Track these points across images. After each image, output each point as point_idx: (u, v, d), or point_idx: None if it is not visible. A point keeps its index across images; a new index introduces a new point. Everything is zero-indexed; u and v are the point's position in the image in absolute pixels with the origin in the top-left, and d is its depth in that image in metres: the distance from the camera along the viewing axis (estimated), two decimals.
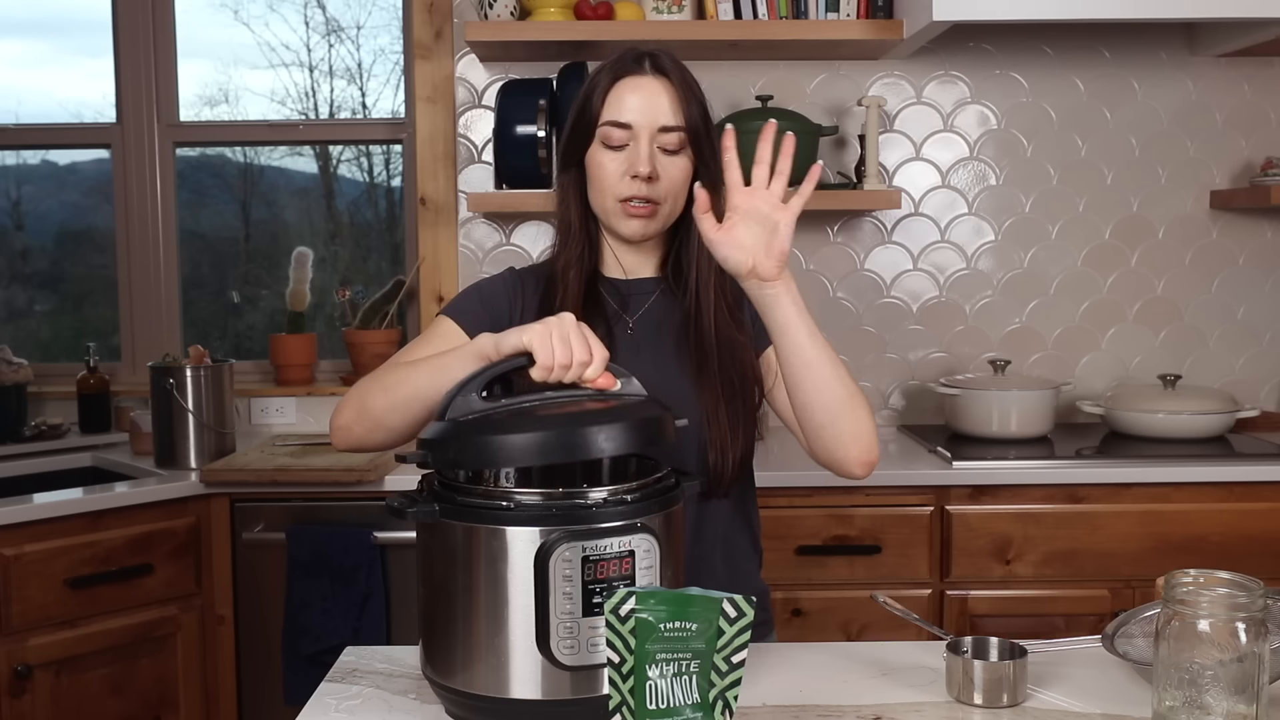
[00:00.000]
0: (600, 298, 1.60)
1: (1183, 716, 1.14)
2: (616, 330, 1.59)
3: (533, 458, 1.16)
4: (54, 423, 2.94)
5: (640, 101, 1.52)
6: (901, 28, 2.77)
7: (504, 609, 1.16)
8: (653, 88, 1.53)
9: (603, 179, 1.54)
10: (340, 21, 3.39)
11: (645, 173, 1.51)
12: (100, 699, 2.40)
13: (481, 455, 1.18)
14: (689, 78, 1.57)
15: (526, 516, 1.15)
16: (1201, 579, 1.16)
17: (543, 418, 1.20)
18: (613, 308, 1.61)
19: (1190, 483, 2.53)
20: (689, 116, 1.54)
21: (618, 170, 1.53)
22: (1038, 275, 3.11)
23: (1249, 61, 3.05)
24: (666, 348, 1.58)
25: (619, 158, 1.53)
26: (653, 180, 1.52)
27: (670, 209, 1.56)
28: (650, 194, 1.52)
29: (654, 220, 1.55)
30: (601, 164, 1.54)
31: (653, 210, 1.54)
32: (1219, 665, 1.12)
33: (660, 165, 1.53)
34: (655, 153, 1.52)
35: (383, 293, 3.17)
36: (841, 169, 3.06)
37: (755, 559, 1.67)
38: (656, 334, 1.60)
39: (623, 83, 1.53)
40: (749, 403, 1.56)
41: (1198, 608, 1.13)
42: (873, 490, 2.50)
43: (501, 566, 1.16)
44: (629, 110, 1.52)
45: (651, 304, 1.62)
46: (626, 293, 1.62)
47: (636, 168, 1.51)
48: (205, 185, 3.44)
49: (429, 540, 1.23)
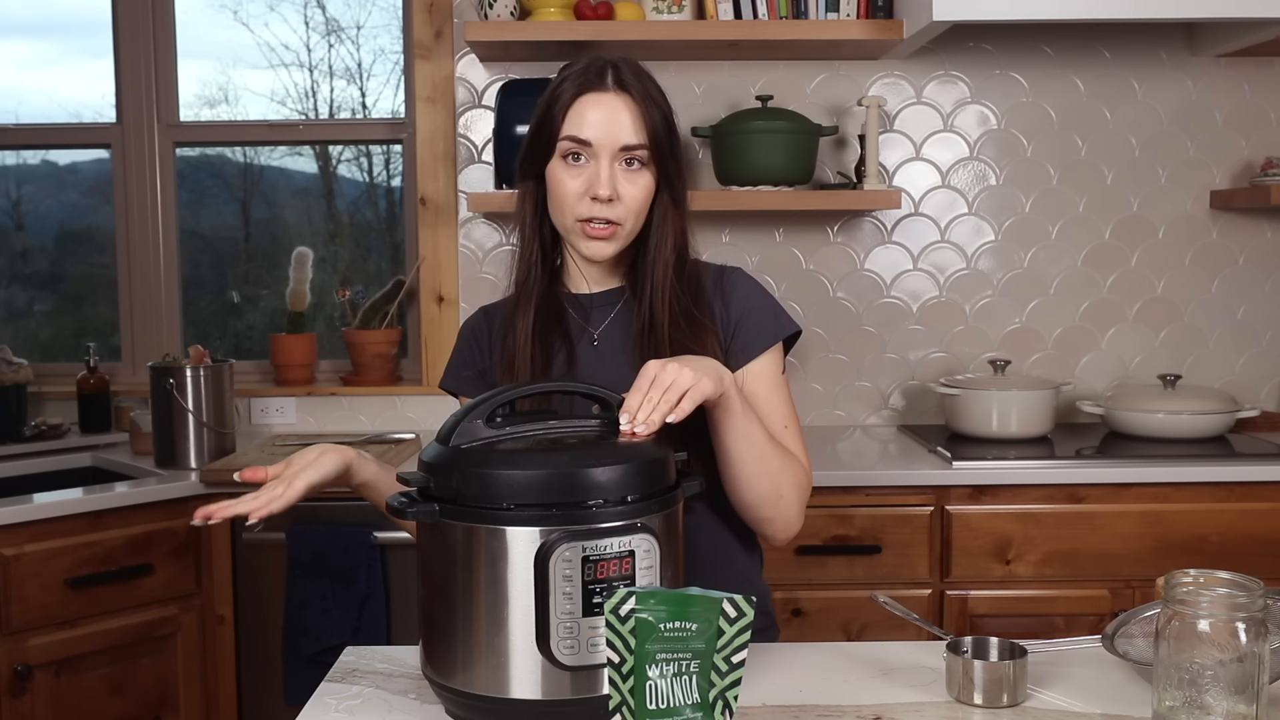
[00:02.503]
0: (561, 313, 1.59)
1: (1183, 716, 1.14)
2: (580, 345, 1.58)
3: (535, 495, 1.16)
4: (54, 423, 2.94)
5: (602, 119, 1.49)
6: (901, 28, 2.77)
7: (504, 609, 1.16)
8: (615, 104, 1.49)
9: (563, 197, 1.52)
10: (340, 21, 3.39)
11: (605, 195, 1.48)
12: (100, 699, 2.40)
13: (484, 488, 1.18)
14: (652, 89, 1.53)
15: (526, 516, 1.15)
16: (1201, 579, 1.16)
17: (546, 453, 1.21)
18: (576, 322, 1.60)
19: (1190, 483, 2.53)
20: (651, 131, 1.50)
21: (577, 189, 1.50)
22: (1038, 275, 3.11)
23: (1249, 61, 3.05)
24: (629, 359, 1.55)
25: (580, 176, 1.50)
26: (612, 202, 1.49)
27: (631, 227, 1.53)
28: (610, 215, 1.50)
29: (613, 241, 1.52)
30: (561, 181, 1.51)
31: (613, 231, 1.51)
32: (1219, 665, 1.12)
33: (620, 185, 1.50)
34: (616, 172, 1.50)
35: (383, 293, 3.17)
36: (841, 169, 3.06)
37: (756, 561, 1.66)
38: (621, 345, 1.58)
39: (585, 98, 1.50)
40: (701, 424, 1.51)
41: (1198, 608, 1.13)
42: (873, 490, 2.51)
43: (501, 566, 1.16)
44: (589, 126, 1.49)
45: (616, 315, 1.60)
46: (589, 305, 1.61)
47: (596, 189, 1.48)
48: (205, 185, 3.44)
49: (429, 540, 1.23)
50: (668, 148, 1.52)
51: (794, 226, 3.09)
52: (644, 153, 1.50)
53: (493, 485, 1.17)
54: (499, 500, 1.16)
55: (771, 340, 1.58)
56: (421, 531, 1.25)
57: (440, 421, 1.30)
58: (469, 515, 1.17)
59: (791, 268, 3.10)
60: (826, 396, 3.13)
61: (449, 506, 1.19)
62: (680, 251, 1.56)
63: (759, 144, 2.81)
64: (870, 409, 3.13)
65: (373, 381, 3.13)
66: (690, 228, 1.59)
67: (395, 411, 3.13)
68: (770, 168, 2.83)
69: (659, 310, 1.54)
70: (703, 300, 1.58)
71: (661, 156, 1.52)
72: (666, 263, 1.54)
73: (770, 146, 2.81)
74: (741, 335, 1.57)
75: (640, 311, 1.55)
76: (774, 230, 3.09)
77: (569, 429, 1.29)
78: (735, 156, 2.84)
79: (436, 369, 3.09)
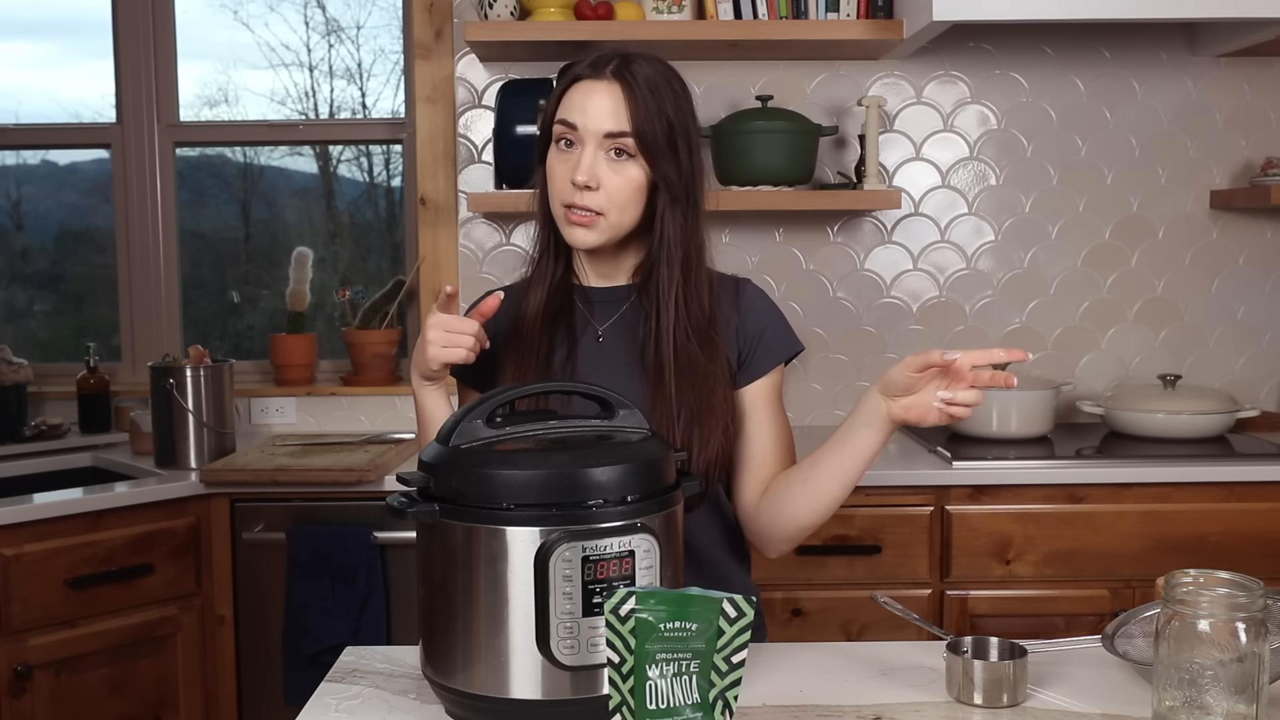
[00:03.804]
0: (568, 305, 1.59)
1: (1183, 716, 1.14)
2: (584, 338, 1.58)
3: (535, 495, 1.16)
4: (54, 423, 2.94)
5: (589, 104, 1.48)
6: (901, 28, 2.77)
7: (504, 609, 1.16)
8: (605, 92, 1.48)
9: (552, 182, 1.52)
10: (340, 21, 3.39)
11: (582, 181, 1.46)
12: (100, 699, 2.40)
13: (484, 488, 1.17)
14: (659, 85, 1.49)
15: (526, 517, 1.15)
16: (1201, 579, 1.15)
17: (546, 453, 1.21)
18: (581, 313, 1.59)
19: (1190, 483, 2.53)
20: (640, 123, 1.46)
21: (564, 175, 1.49)
22: (1038, 275, 3.11)
23: (1249, 61, 3.05)
24: (631, 357, 1.55)
25: (567, 162, 1.49)
26: (590, 189, 1.47)
27: (616, 220, 1.50)
28: (589, 203, 1.48)
29: (594, 230, 1.49)
30: (552, 166, 1.52)
31: (593, 220, 1.48)
32: (1219, 665, 1.12)
33: (602, 173, 1.47)
34: (599, 160, 1.47)
35: (383, 293, 3.17)
36: (841, 169, 3.06)
37: (744, 562, 1.67)
38: (624, 344, 1.57)
39: (579, 85, 1.50)
40: (707, 427, 1.50)
41: (1198, 608, 1.13)
42: (873, 490, 2.50)
43: (501, 566, 1.16)
44: (576, 111, 1.48)
45: (624, 312, 1.59)
46: (595, 300, 1.60)
47: (574, 174, 1.47)
48: (205, 185, 3.44)
49: (429, 540, 1.23)
50: (663, 143, 1.48)
51: (794, 226, 3.09)
52: (629, 142, 1.47)
53: (493, 485, 1.17)
54: (499, 500, 1.16)
55: (783, 356, 1.61)
56: (421, 532, 1.24)
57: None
58: (469, 515, 1.17)
59: (791, 268, 3.10)
60: (826, 396, 3.13)
61: (449, 506, 1.19)
62: (689, 255, 1.53)
63: (759, 144, 2.81)
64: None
65: (373, 381, 3.13)
66: (707, 234, 1.56)
67: (395, 411, 3.13)
68: (770, 168, 2.83)
69: (665, 314, 1.51)
70: (718, 312, 1.56)
71: (652, 151, 1.48)
72: (671, 265, 1.51)
73: (770, 146, 2.81)
74: (759, 350, 1.58)
75: (646, 313, 1.54)
76: (774, 230, 3.09)
77: (569, 429, 1.29)
78: (735, 156, 2.84)
79: None
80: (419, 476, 1.23)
